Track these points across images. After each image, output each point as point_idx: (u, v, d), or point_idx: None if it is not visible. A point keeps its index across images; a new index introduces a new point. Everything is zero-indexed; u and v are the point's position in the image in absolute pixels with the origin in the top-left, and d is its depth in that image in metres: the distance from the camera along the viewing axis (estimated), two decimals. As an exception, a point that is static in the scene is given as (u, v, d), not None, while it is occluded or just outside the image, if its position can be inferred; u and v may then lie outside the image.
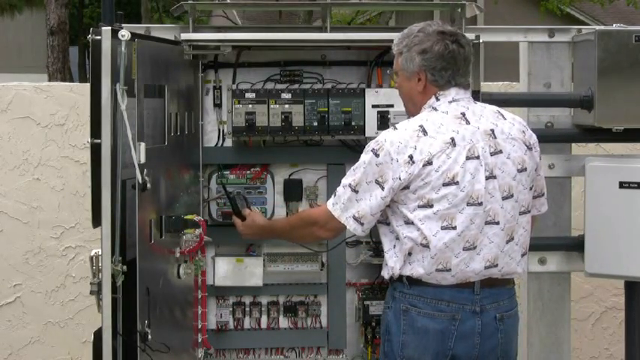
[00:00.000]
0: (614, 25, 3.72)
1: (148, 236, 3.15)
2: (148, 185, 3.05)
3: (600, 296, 5.04)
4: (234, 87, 3.81)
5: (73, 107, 4.83)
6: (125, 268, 2.99)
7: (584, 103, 3.70)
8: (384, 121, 3.73)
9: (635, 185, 3.63)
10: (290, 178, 3.94)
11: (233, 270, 3.87)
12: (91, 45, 3.03)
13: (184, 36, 3.64)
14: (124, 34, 2.94)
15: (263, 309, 3.94)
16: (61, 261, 4.86)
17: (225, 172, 3.87)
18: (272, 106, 3.74)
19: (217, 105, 3.88)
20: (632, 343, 3.80)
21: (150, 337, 3.05)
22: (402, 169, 2.91)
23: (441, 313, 2.95)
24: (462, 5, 3.70)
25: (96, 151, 3.01)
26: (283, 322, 3.96)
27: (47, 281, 4.86)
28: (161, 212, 3.28)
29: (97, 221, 3.04)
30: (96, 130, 3.01)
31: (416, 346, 2.97)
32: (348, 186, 3.00)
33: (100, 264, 3.03)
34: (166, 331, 3.33)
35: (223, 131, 3.89)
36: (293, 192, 3.92)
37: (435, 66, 3.00)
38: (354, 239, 3.88)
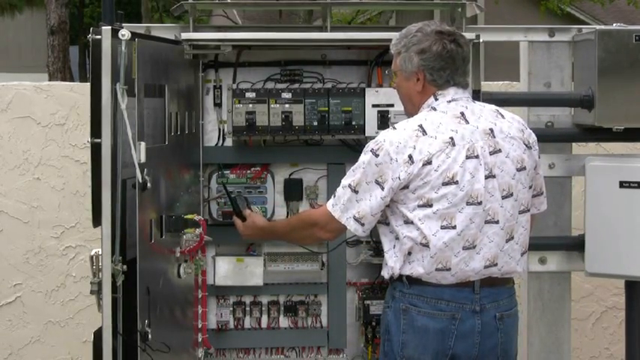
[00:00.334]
0: (615, 24, 3.72)
1: (148, 236, 3.14)
2: (148, 185, 3.04)
3: (600, 296, 5.04)
4: (235, 86, 3.81)
5: (73, 107, 4.82)
6: (125, 267, 2.99)
7: (585, 103, 3.70)
8: (384, 121, 3.73)
9: (636, 185, 3.63)
10: (290, 178, 3.94)
11: (233, 269, 3.87)
12: (92, 44, 3.03)
13: (185, 35, 3.64)
14: (125, 34, 2.93)
15: (263, 308, 3.94)
16: (62, 260, 4.85)
17: (225, 172, 3.87)
18: (272, 105, 3.74)
19: (218, 104, 3.88)
20: (632, 342, 3.80)
21: (150, 336, 3.05)
22: (401, 168, 2.91)
23: (441, 312, 2.95)
24: (462, 5, 3.69)
25: (96, 150, 3.00)
26: (283, 322, 3.95)
27: (47, 281, 4.85)
28: (161, 212, 3.28)
29: (97, 221, 3.03)
30: (96, 129, 3.01)
31: (416, 345, 2.97)
32: (348, 186, 3.00)
33: (100, 263, 3.02)
34: (167, 331, 3.33)
35: (224, 131, 3.88)
36: (293, 192, 3.92)
37: (434, 66, 3.01)
38: (355, 239, 3.88)
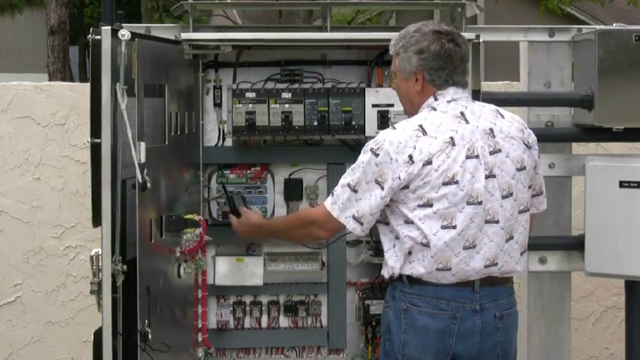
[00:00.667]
0: (615, 24, 3.73)
1: (148, 236, 3.14)
2: (148, 185, 3.04)
3: (600, 295, 5.04)
4: (235, 86, 3.81)
5: (73, 107, 4.82)
6: (125, 267, 2.99)
7: (585, 103, 3.70)
8: (384, 121, 3.73)
9: (636, 185, 3.63)
10: (290, 178, 3.94)
11: (233, 269, 3.87)
12: (91, 45, 3.02)
13: (184, 35, 3.63)
14: (124, 34, 2.93)
15: (263, 308, 3.94)
16: (62, 260, 4.85)
17: (225, 172, 3.87)
18: (272, 105, 3.74)
19: (217, 104, 3.88)
20: (632, 342, 3.81)
21: (150, 336, 3.05)
22: (401, 168, 2.91)
23: (442, 311, 2.95)
24: (462, 5, 3.69)
25: (96, 150, 3.00)
26: (284, 322, 3.95)
27: (47, 281, 4.85)
28: (161, 212, 3.27)
29: (97, 221, 3.03)
30: (96, 129, 3.00)
31: (417, 344, 2.97)
32: (347, 185, 2.99)
33: (100, 263, 3.01)
34: (167, 331, 3.33)
35: (223, 131, 3.88)
36: (293, 191, 3.92)
37: (432, 65, 3.01)
38: (355, 239, 3.87)
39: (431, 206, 2.92)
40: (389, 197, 2.95)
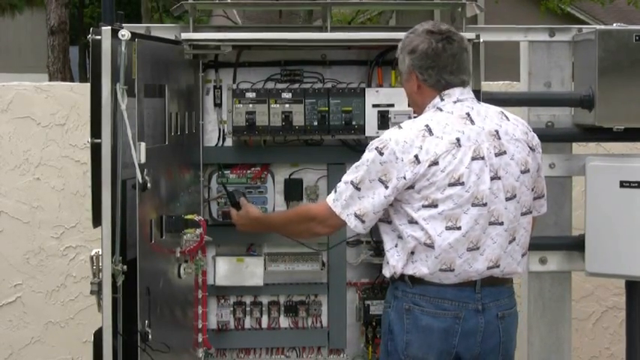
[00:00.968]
0: (615, 24, 3.72)
1: (149, 236, 3.13)
2: (149, 185, 3.03)
3: (601, 296, 5.03)
4: (235, 86, 3.80)
5: (73, 107, 4.82)
6: (125, 267, 2.98)
7: (585, 103, 3.70)
8: (384, 121, 3.72)
9: (636, 184, 3.63)
10: (290, 178, 3.93)
11: (233, 270, 3.86)
12: (91, 45, 3.01)
13: (185, 36, 3.63)
14: (124, 34, 2.92)
15: (264, 309, 3.93)
16: (62, 261, 4.85)
17: (225, 172, 3.86)
18: (272, 105, 3.73)
19: (218, 104, 3.87)
20: (632, 342, 3.80)
21: (150, 336, 3.04)
22: (406, 168, 2.91)
23: (445, 311, 2.96)
24: (462, 5, 3.69)
25: (96, 150, 2.99)
26: (284, 322, 3.94)
27: (48, 281, 4.85)
28: (161, 212, 3.26)
29: (97, 221, 3.02)
30: (96, 129, 3.00)
31: (420, 344, 2.97)
32: (350, 183, 2.99)
33: (100, 264, 3.01)
34: (167, 331, 3.32)
35: (224, 131, 3.88)
36: (293, 191, 3.91)
37: (422, 65, 3.02)
38: (355, 239, 3.88)
39: (436, 207, 2.92)
40: (393, 196, 2.95)
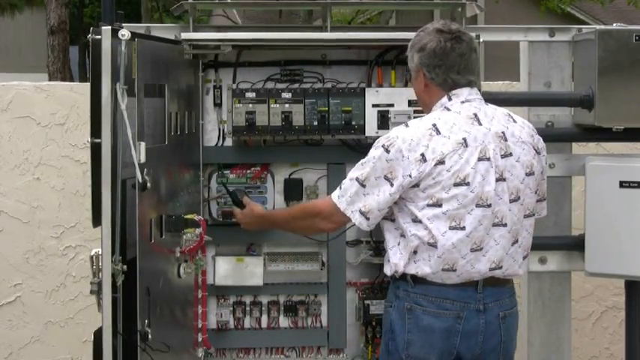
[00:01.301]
0: (615, 24, 3.71)
1: (148, 236, 3.14)
2: (148, 185, 3.03)
3: (601, 295, 5.03)
4: (235, 86, 3.81)
5: (73, 107, 4.81)
6: (125, 267, 2.98)
7: (585, 103, 3.68)
8: (384, 121, 3.72)
9: (636, 185, 3.62)
10: (290, 178, 3.93)
11: (233, 269, 3.86)
12: (91, 44, 3.01)
13: (184, 35, 3.63)
14: (124, 34, 2.93)
15: (263, 308, 3.93)
16: (62, 260, 4.85)
17: (225, 172, 3.86)
18: (272, 105, 3.73)
19: (217, 104, 3.88)
20: (632, 342, 3.79)
21: (150, 336, 3.04)
22: (412, 166, 2.91)
23: (446, 311, 2.96)
24: (462, 4, 3.69)
25: (96, 150, 2.99)
26: (283, 322, 3.95)
27: (47, 281, 4.84)
28: (161, 212, 3.27)
29: (97, 221, 3.02)
30: (96, 129, 2.99)
31: (422, 344, 2.97)
32: (356, 179, 2.99)
33: (100, 263, 3.01)
34: (166, 331, 3.32)
35: (223, 131, 3.88)
36: (293, 191, 3.91)
37: (429, 63, 3.02)
38: (355, 238, 3.90)
39: (440, 206, 2.92)
40: (398, 194, 2.95)
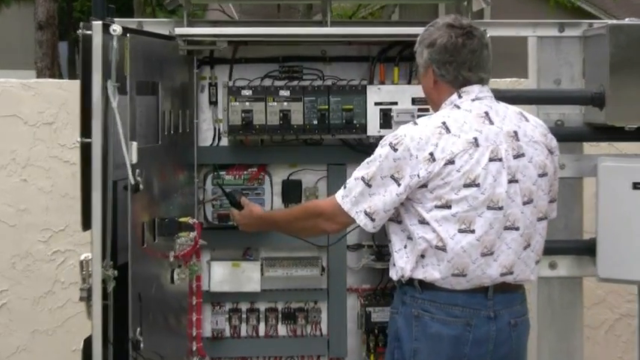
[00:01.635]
0: (627, 19, 3.68)
1: (141, 240, 3.14)
2: (141, 186, 3.02)
3: (613, 302, 5.00)
4: (231, 84, 3.80)
5: (62, 105, 4.77)
6: (116, 273, 2.97)
7: (596, 101, 3.63)
8: (387, 120, 3.72)
9: (650, 186, 3.60)
10: (289, 179, 3.92)
11: (229, 275, 3.86)
12: (82, 40, 3.00)
13: (178, 31, 3.61)
14: (116, 29, 2.93)
15: (261, 316, 3.91)
16: (50, 266, 4.80)
17: (221, 173, 3.87)
18: (270, 103, 3.73)
19: (213, 102, 3.88)
20: (646, 351, 3.77)
21: (142, 345, 3.04)
22: (421, 166, 2.84)
23: (455, 318, 2.89)
24: (468, -2, 3.70)
25: (86, 150, 2.97)
26: (282, 330, 3.94)
27: (35, 287, 4.80)
28: (154, 214, 3.27)
29: (87, 224, 3.01)
30: (86, 128, 2.97)
31: (429, 352, 2.91)
32: (361, 179, 2.92)
33: (90, 269, 2.98)
34: (159, 339, 3.33)
35: (219, 130, 3.88)
36: (292, 193, 3.90)
37: (440, 59, 2.96)
38: (356, 242, 3.89)
39: (449, 208, 2.85)
40: (405, 195, 2.89)
